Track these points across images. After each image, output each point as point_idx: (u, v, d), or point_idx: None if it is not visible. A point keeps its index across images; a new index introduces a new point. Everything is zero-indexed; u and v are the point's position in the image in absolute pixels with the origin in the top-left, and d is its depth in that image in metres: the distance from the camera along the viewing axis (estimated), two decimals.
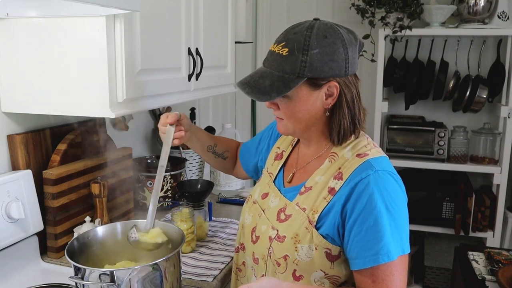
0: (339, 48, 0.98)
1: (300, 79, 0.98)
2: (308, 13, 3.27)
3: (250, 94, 1.01)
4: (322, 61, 0.97)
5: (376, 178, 0.97)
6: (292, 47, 0.97)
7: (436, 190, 2.85)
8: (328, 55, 0.97)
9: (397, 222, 0.96)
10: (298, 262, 1.02)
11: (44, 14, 1.23)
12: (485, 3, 2.64)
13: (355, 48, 1.01)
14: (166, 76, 1.46)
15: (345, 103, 1.02)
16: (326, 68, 0.97)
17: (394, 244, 0.95)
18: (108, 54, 1.20)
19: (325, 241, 1.00)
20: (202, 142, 1.37)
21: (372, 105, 2.87)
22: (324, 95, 1.01)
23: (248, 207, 1.21)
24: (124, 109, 1.28)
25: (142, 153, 2.11)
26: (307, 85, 1.00)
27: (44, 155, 1.47)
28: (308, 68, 0.97)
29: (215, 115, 2.90)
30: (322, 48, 0.96)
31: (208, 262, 1.44)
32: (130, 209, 1.76)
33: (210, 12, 1.71)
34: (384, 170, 0.99)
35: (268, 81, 0.99)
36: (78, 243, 1.16)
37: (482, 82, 2.75)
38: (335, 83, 1.00)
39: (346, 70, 1.00)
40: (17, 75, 1.30)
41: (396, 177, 1.01)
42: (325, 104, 1.02)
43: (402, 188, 1.02)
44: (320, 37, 0.97)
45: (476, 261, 2.17)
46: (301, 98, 1.01)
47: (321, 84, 1.00)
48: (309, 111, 1.03)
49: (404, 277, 0.98)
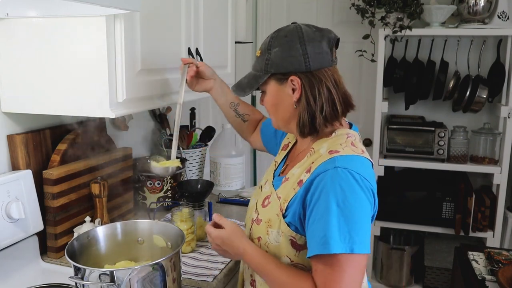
0: (296, 45, 1.07)
1: (266, 75, 1.12)
2: (308, 13, 3.27)
3: (234, 91, 1.19)
4: (281, 57, 1.08)
5: (333, 174, 1.00)
6: (262, 49, 1.13)
7: (436, 190, 2.85)
8: (286, 52, 1.08)
9: (347, 219, 0.97)
10: (268, 245, 1.11)
11: (44, 14, 1.23)
12: (485, 3, 2.64)
13: (318, 44, 1.07)
14: (166, 76, 1.46)
15: (306, 97, 1.09)
16: (285, 63, 1.08)
17: (339, 239, 0.96)
18: (108, 54, 1.20)
19: (289, 228, 1.07)
20: (226, 95, 1.49)
21: (372, 105, 2.87)
22: (290, 89, 1.10)
23: (256, 191, 1.30)
24: (124, 109, 1.28)
25: (142, 153, 2.11)
26: (275, 80, 1.12)
27: (44, 155, 1.47)
28: (271, 64, 1.10)
29: (215, 115, 2.89)
30: (280, 46, 1.09)
31: (208, 262, 1.44)
32: (130, 209, 1.76)
33: (210, 12, 1.71)
34: (345, 168, 1.00)
35: (246, 79, 1.17)
36: (78, 243, 1.16)
37: (482, 82, 2.75)
38: (296, 78, 1.08)
39: (307, 64, 1.07)
40: (17, 75, 1.30)
41: (359, 177, 1.01)
42: (293, 97, 1.11)
43: (364, 189, 1.01)
44: (281, 37, 1.09)
45: (476, 261, 2.17)
46: (272, 92, 1.14)
47: (283, 78, 1.10)
48: (281, 104, 1.14)
49: (352, 276, 0.98)
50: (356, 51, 2.78)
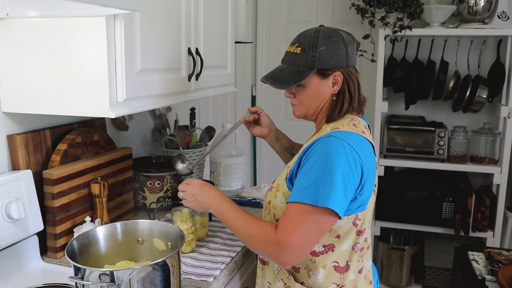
0: (340, 45, 1.22)
1: (311, 70, 1.22)
2: (308, 13, 3.27)
3: (273, 84, 1.26)
4: (327, 55, 1.21)
5: (326, 141, 1.15)
6: (304, 46, 1.23)
7: (436, 190, 2.86)
8: (332, 51, 1.21)
9: (324, 178, 1.10)
10: (276, 207, 1.25)
11: (44, 14, 1.23)
12: (485, 3, 2.64)
13: (353, 46, 1.26)
14: (166, 76, 1.46)
15: (347, 89, 1.25)
16: (331, 61, 1.22)
17: (308, 192, 1.10)
18: (108, 54, 1.20)
19: (288, 189, 1.21)
20: (281, 142, 1.62)
21: (372, 105, 2.87)
22: (331, 83, 1.24)
23: None
24: (124, 109, 1.28)
25: (142, 153, 2.11)
26: (317, 75, 1.24)
27: (44, 155, 1.47)
28: (317, 61, 1.21)
29: (215, 115, 2.90)
30: (327, 46, 1.21)
31: (208, 262, 1.44)
32: (130, 209, 1.76)
33: (210, 12, 1.71)
34: (338, 138, 1.15)
35: (286, 73, 1.25)
36: (78, 243, 1.16)
37: (482, 82, 2.75)
38: (339, 73, 1.23)
39: (347, 62, 1.24)
40: (17, 75, 1.30)
41: (348, 147, 1.13)
42: (332, 90, 1.25)
43: (349, 158, 1.12)
44: (326, 37, 1.22)
45: (476, 261, 2.17)
46: (312, 86, 1.25)
47: (328, 74, 1.23)
48: (319, 96, 1.27)
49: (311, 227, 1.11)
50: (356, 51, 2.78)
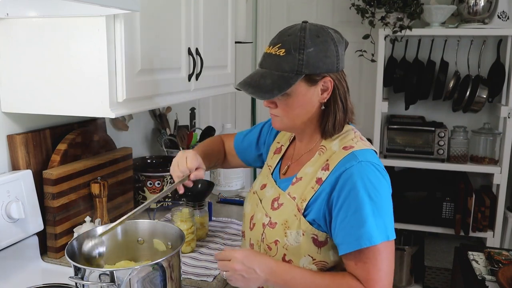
0: (330, 46, 1.05)
1: (298, 76, 1.04)
2: (308, 13, 3.27)
3: (253, 93, 1.07)
4: (317, 58, 1.04)
5: (359, 168, 1.03)
6: (288, 48, 1.04)
7: (436, 190, 2.85)
8: (322, 52, 1.04)
9: (380, 210, 1.01)
10: (287, 246, 1.09)
11: (44, 14, 1.23)
12: (485, 3, 2.64)
13: (342, 46, 1.10)
14: (166, 76, 1.46)
15: (339, 96, 1.10)
16: (321, 64, 1.05)
17: (377, 230, 1.00)
18: (108, 54, 1.20)
19: (311, 227, 1.07)
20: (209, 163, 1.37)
21: (372, 105, 2.87)
22: (319, 90, 1.08)
23: (249, 197, 1.28)
24: (124, 109, 1.28)
25: (142, 153, 2.11)
26: (305, 81, 1.06)
27: (44, 155, 1.47)
28: (305, 65, 1.03)
29: (215, 115, 2.90)
30: (316, 46, 1.04)
31: (208, 262, 1.44)
32: (130, 209, 1.76)
33: (210, 12, 1.71)
34: (367, 161, 1.04)
35: (269, 80, 1.05)
36: (78, 243, 1.16)
37: (482, 82, 2.75)
38: (329, 78, 1.07)
39: (338, 65, 1.08)
40: (17, 75, 1.30)
41: (380, 168, 1.06)
42: (321, 98, 1.09)
43: (386, 179, 1.06)
44: (313, 37, 1.04)
45: (476, 261, 2.17)
46: (299, 94, 1.07)
47: (317, 80, 1.07)
48: (306, 106, 1.09)
49: (390, 262, 1.03)
50: (356, 51, 2.78)
